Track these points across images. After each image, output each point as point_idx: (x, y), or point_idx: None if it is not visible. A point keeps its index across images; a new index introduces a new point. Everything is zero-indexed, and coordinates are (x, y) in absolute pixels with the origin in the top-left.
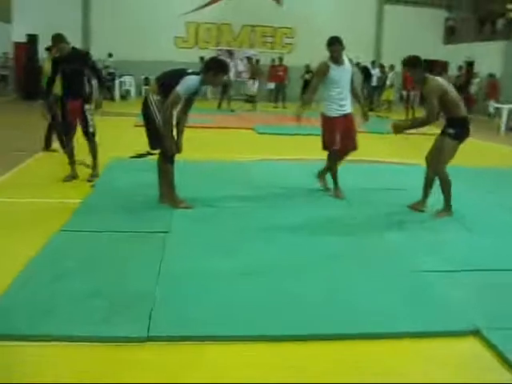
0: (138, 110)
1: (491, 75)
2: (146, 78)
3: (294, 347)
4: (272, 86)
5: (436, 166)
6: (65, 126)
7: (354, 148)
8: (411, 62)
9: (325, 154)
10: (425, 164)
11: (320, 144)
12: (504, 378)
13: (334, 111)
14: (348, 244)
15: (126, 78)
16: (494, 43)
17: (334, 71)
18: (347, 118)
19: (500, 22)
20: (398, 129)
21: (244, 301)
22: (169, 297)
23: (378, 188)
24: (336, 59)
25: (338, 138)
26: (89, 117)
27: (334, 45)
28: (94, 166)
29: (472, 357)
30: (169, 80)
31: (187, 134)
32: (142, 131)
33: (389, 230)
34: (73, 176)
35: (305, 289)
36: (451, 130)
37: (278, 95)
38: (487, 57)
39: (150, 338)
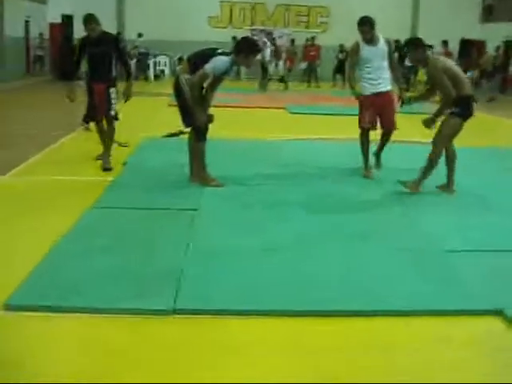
0: (171, 89)
1: None
2: (180, 58)
3: (313, 322)
4: (304, 65)
5: (435, 139)
6: (91, 109)
7: (390, 128)
8: (413, 43)
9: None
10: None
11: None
12: None
13: (366, 90)
14: (373, 222)
15: (161, 58)
16: None
17: (366, 51)
18: (381, 96)
19: None
20: (428, 123)
21: (266, 278)
22: (195, 273)
23: (411, 168)
24: (367, 39)
25: (368, 117)
26: (112, 100)
27: (364, 25)
28: (107, 149)
29: (494, 336)
30: (200, 60)
31: (218, 112)
32: (175, 110)
33: (414, 210)
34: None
35: (327, 266)
36: (455, 109)
37: (310, 74)
38: None
39: (176, 312)
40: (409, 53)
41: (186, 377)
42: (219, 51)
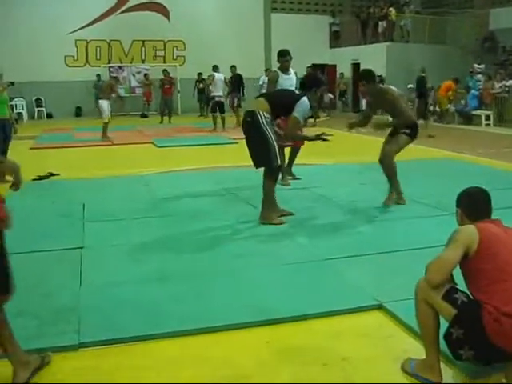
0: (32, 133)
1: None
2: (38, 100)
3: (211, 337)
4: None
5: (386, 152)
6: None
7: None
8: (370, 75)
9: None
10: None
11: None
12: (406, 341)
13: None
14: (252, 244)
15: (17, 101)
16: (377, 45)
17: (283, 79)
18: None
19: (381, 25)
20: (378, 127)
21: (162, 302)
22: (93, 306)
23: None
24: (285, 69)
25: None
26: None
27: (289, 55)
28: None
29: (377, 327)
30: (281, 100)
31: (87, 153)
32: (39, 153)
33: (287, 227)
34: None
35: (220, 285)
36: (407, 130)
37: (164, 108)
38: (372, 58)
39: (82, 345)
40: (364, 84)
41: None
42: (297, 92)
